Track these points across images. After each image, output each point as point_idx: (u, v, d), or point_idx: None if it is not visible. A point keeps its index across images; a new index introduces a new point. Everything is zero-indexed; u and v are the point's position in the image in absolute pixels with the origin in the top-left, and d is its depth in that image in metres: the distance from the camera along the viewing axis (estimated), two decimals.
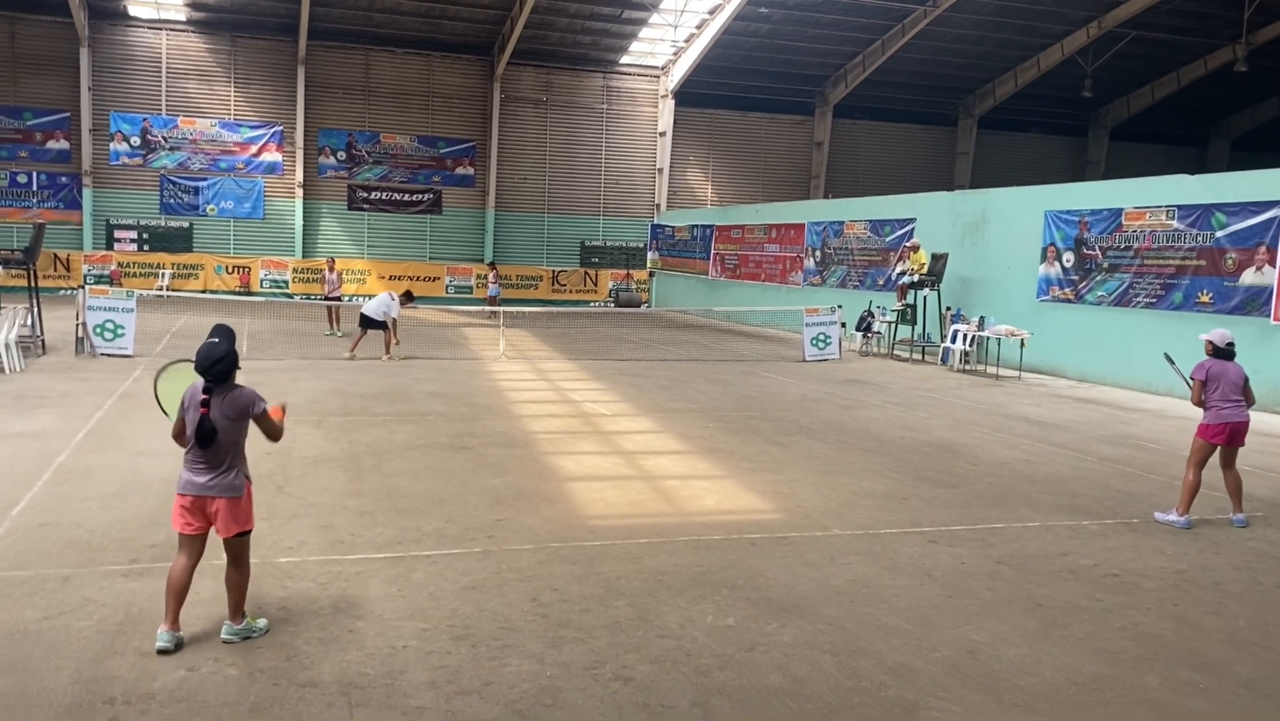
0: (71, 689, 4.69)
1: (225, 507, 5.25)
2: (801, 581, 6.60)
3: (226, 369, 5.27)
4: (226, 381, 5.30)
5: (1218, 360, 8.41)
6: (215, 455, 5.24)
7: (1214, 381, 8.33)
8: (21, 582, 6.02)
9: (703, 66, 35.33)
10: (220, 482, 5.25)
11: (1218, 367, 8.36)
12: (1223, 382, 8.32)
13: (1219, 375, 8.34)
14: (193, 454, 5.24)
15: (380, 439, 10.79)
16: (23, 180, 31.99)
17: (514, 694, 4.81)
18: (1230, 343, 8.48)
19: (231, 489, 5.27)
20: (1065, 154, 41.71)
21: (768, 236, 29.76)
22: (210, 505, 5.25)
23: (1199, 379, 8.39)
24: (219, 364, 5.24)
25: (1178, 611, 6.33)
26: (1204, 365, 8.41)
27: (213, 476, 5.24)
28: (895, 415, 13.70)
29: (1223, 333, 8.58)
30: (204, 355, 5.25)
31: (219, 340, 5.35)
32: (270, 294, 32.56)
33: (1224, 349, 8.44)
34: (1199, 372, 8.40)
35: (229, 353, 5.30)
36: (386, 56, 34.77)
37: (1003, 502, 8.99)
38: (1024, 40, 35.38)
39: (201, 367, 5.26)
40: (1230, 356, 8.45)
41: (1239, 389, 8.37)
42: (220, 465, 5.26)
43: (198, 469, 5.25)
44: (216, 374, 5.25)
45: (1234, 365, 8.42)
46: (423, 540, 7.21)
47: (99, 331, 16.70)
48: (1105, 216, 18.10)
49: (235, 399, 5.29)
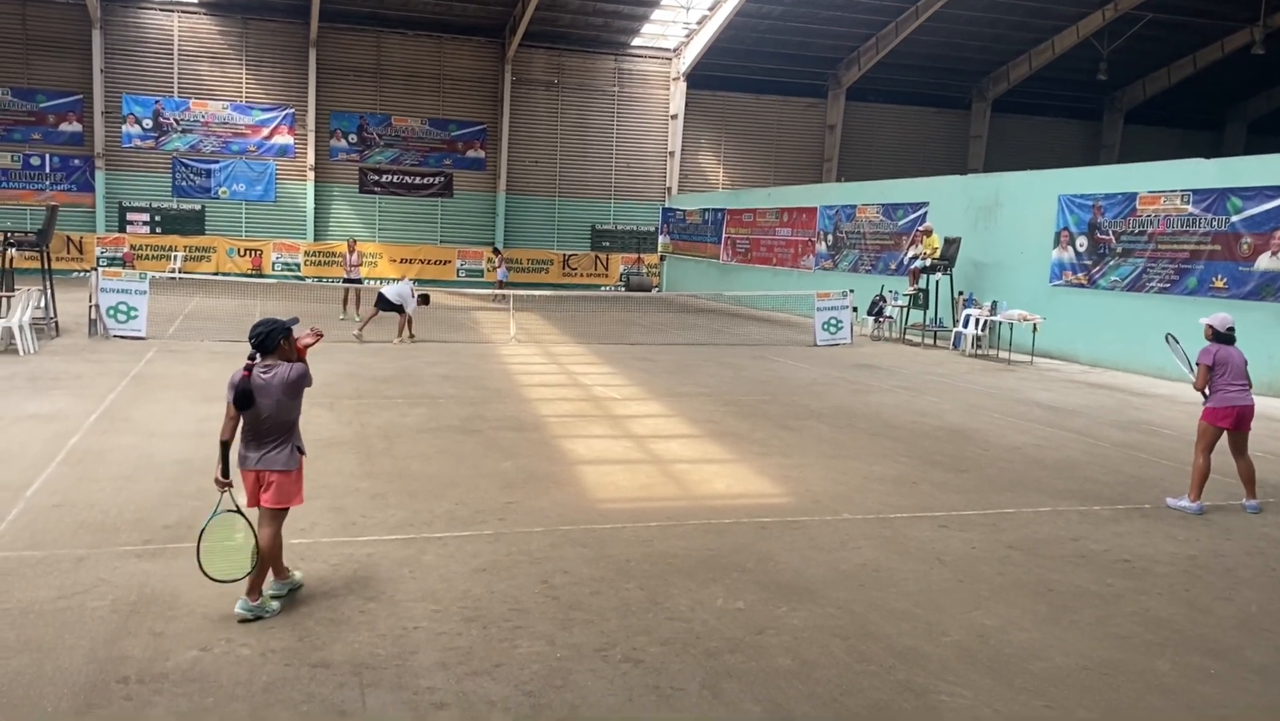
0: (86, 668, 4.72)
1: (278, 480, 5.48)
2: (811, 565, 6.60)
3: (266, 333, 5.44)
4: (268, 351, 5.44)
5: (1221, 345, 8.37)
6: (270, 429, 5.45)
7: (1221, 366, 8.29)
8: (36, 562, 6.06)
9: (715, 49, 35.15)
10: (276, 457, 5.49)
11: (1223, 352, 8.33)
12: (1229, 367, 8.29)
13: (1225, 360, 8.30)
14: (246, 429, 5.45)
15: (392, 421, 10.82)
16: (36, 162, 32.05)
17: (524, 675, 4.83)
18: (1231, 327, 8.46)
19: (286, 464, 5.51)
20: (1079, 137, 41.40)
21: (779, 220, 29.66)
22: (265, 478, 5.49)
23: (1206, 364, 8.33)
24: (259, 327, 5.47)
25: (1189, 597, 6.32)
26: (1210, 350, 8.36)
27: (268, 450, 5.48)
28: (906, 400, 13.67)
29: (1224, 317, 8.54)
30: (254, 328, 5.51)
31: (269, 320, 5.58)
32: (282, 276, 32.62)
33: (1225, 333, 8.41)
34: (1206, 358, 8.35)
35: (273, 322, 5.51)
36: (398, 39, 34.69)
37: (1014, 488, 8.97)
38: (1038, 22, 35.09)
39: (250, 339, 5.48)
40: (1231, 341, 8.42)
41: (1243, 373, 8.35)
42: (275, 440, 5.48)
43: (253, 444, 5.49)
44: (258, 336, 5.44)
45: (1236, 350, 8.41)
46: (434, 522, 7.24)
47: (112, 313, 16.77)
48: (1119, 201, 17.98)
49: (290, 375, 5.46)
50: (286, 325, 5.55)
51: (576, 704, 4.59)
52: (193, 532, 6.71)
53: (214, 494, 7.67)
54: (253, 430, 5.46)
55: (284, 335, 5.52)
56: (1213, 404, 8.35)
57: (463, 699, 4.58)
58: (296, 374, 5.47)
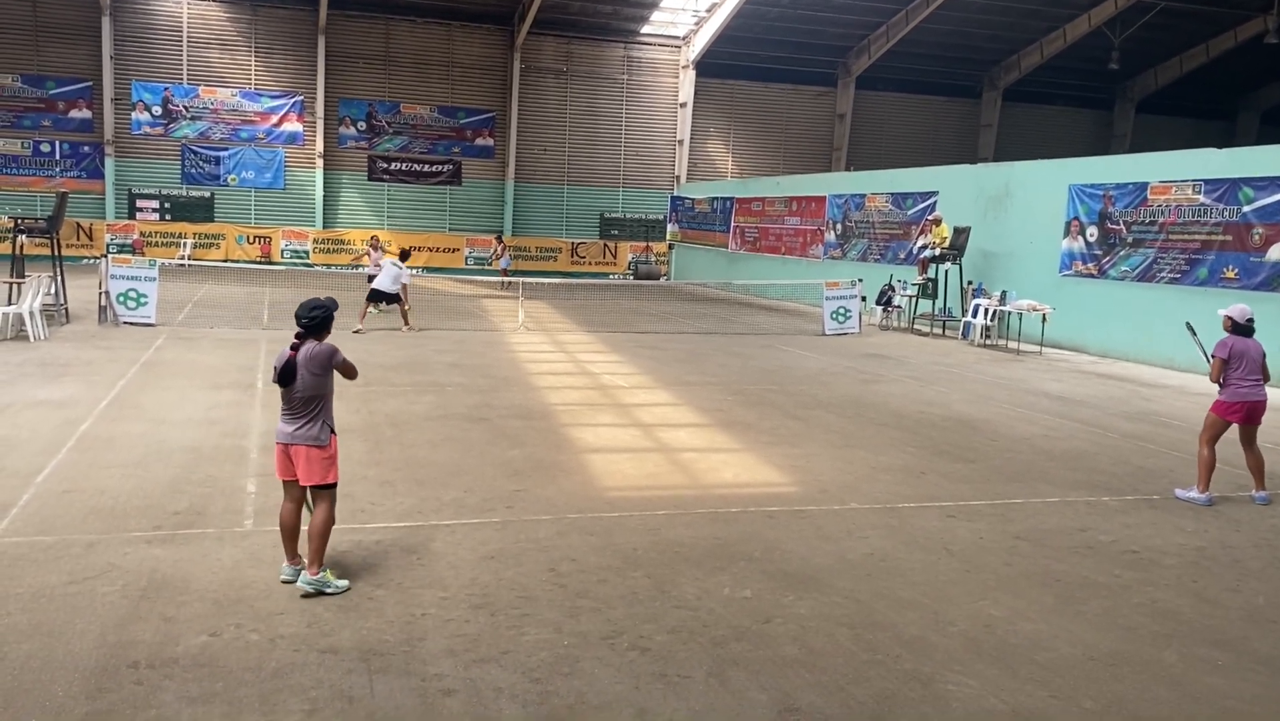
0: (96, 653, 4.76)
1: (305, 455, 5.63)
2: (818, 554, 6.61)
3: (322, 317, 5.69)
4: (317, 332, 5.70)
5: (1239, 337, 8.27)
6: (299, 405, 5.63)
7: (1236, 359, 8.21)
8: (47, 548, 6.10)
9: (724, 36, 35.04)
10: (304, 433, 5.64)
11: (1240, 345, 8.23)
12: (1245, 360, 8.20)
13: (1241, 353, 8.21)
14: (282, 404, 5.68)
15: (400, 409, 10.84)
16: (46, 149, 32.13)
17: (531, 662, 4.85)
18: (1250, 319, 8.35)
19: (314, 440, 5.65)
20: (1091, 127, 41.18)
21: (788, 209, 29.59)
22: (295, 452, 5.65)
23: (1221, 357, 8.25)
24: (315, 310, 5.69)
25: (1197, 588, 6.31)
26: (1226, 343, 8.27)
27: (298, 426, 5.65)
28: (914, 390, 13.66)
29: (1243, 308, 8.43)
30: (304, 305, 5.72)
31: (323, 299, 5.81)
32: (291, 264, 32.66)
33: (1244, 325, 8.31)
34: (1221, 350, 8.27)
35: (325, 306, 5.74)
36: (407, 26, 34.64)
37: (1022, 478, 8.96)
38: (1050, 11, 34.88)
39: (299, 314, 5.68)
40: (1250, 333, 8.32)
41: (1259, 366, 8.26)
42: (304, 416, 5.64)
43: (286, 418, 5.69)
44: (310, 319, 5.66)
45: (1254, 342, 8.30)
46: (442, 510, 7.26)
47: (122, 300, 16.81)
48: (1130, 191, 17.90)
49: (318, 352, 5.68)
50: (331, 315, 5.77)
51: (584, 691, 4.60)
52: (202, 519, 6.78)
53: (223, 481, 7.75)
54: (287, 405, 5.68)
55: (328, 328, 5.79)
56: (1224, 397, 8.28)
57: (470, 685, 4.60)
58: (326, 352, 5.70)
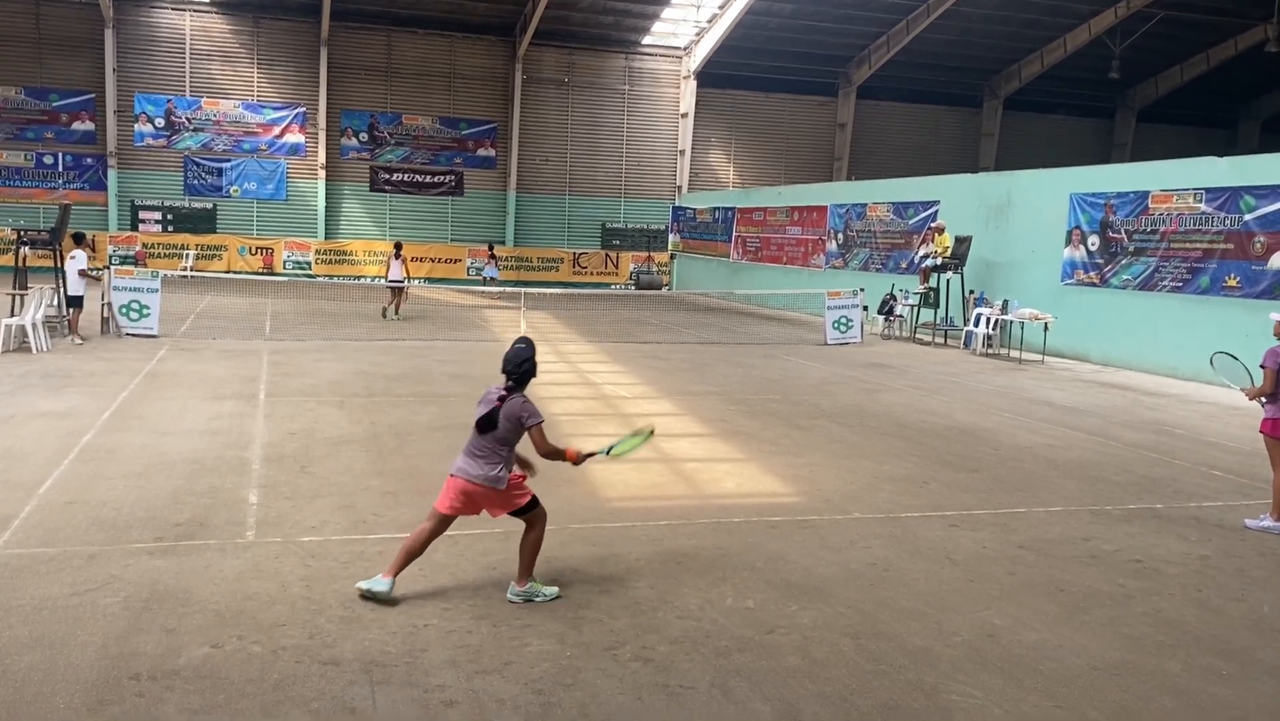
0: (98, 664, 4.75)
1: (484, 494, 5.69)
2: (821, 564, 6.59)
3: (530, 370, 5.80)
4: (524, 384, 5.79)
5: None
6: (488, 448, 5.67)
7: None
8: (49, 559, 6.09)
9: (725, 47, 35.14)
10: (483, 474, 5.66)
11: None
12: None
13: None
14: (471, 441, 5.72)
15: (403, 420, 10.84)
16: (49, 161, 32.22)
17: (534, 673, 4.84)
18: None
19: (494, 480, 5.66)
20: (1092, 136, 41.25)
21: (790, 219, 29.62)
22: (472, 491, 5.69)
23: (1272, 368, 7.47)
24: (525, 364, 5.78)
25: (1201, 597, 6.29)
26: (1277, 352, 7.49)
27: (480, 467, 5.68)
28: (917, 399, 13.65)
29: None
30: (511, 358, 5.79)
31: (524, 347, 5.85)
32: (293, 275, 32.72)
33: None
34: (1271, 360, 7.49)
35: (532, 359, 5.81)
36: (409, 37, 34.74)
37: (1025, 487, 8.94)
38: (1050, 20, 34.98)
39: (507, 369, 5.77)
40: None
41: None
42: (490, 459, 5.68)
43: (470, 458, 5.72)
44: (521, 374, 5.76)
45: None
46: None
47: (124, 311, 16.84)
48: (1131, 199, 17.91)
49: (515, 406, 5.71)
50: (535, 365, 5.85)
51: (586, 702, 4.59)
52: (204, 530, 6.77)
53: (225, 492, 7.74)
54: (477, 445, 5.70)
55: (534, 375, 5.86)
56: (1274, 414, 7.53)
57: (472, 697, 4.59)
58: (519, 409, 5.69)
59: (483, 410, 5.68)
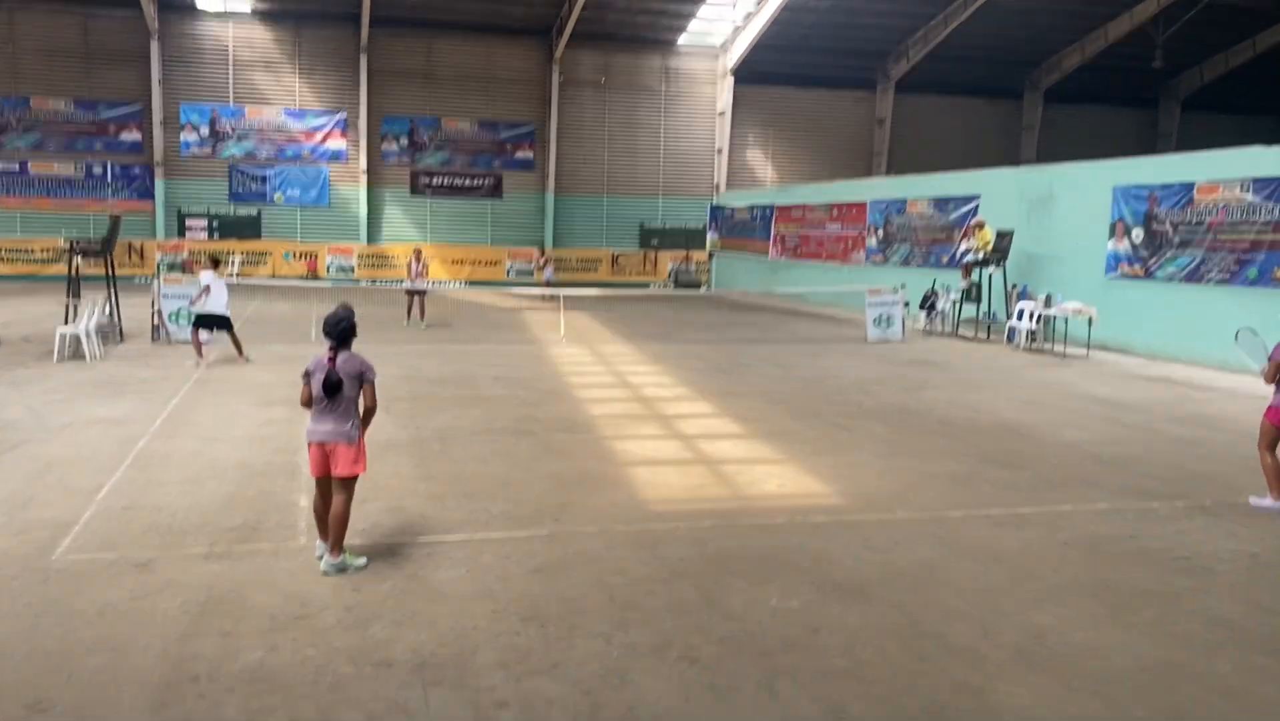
0: (159, 667, 4.89)
1: (341, 451, 6.19)
2: (866, 564, 6.61)
3: (348, 329, 6.26)
4: (347, 344, 6.27)
5: None
6: (334, 406, 6.16)
7: None
8: (109, 564, 6.27)
9: (762, 44, 35.07)
10: (338, 430, 6.19)
11: None
12: None
13: None
14: (318, 406, 6.21)
15: (447, 424, 10.97)
16: (98, 171, 32.90)
17: (582, 674, 4.91)
18: None
19: (347, 436, 6.20)
20: (1134, 127, 40.65)
21: (829, 215, 29.51)
22: (330, 449, 6.18)
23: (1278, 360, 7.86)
24: (341, 323, 6.23)
25: (1251, 595, 6.23)
26: None
27: (333, 426, 6.18)
28: (960, 396, 13.57)
29: None
30: (330, 319, 6.25)
31: (343, 309, 6.33)
32: (337, 280, 33.14)
33: None
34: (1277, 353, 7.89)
35: (348, 318, 6.29)
36: (447, 42, 35.05)
37: (1071, 484, 8.88)
38: (1091, 10, 34.52)
39: (327, 329, 6.23)
40: None
41: None
42: (339, 416, 6.19)
43: (320, 419, 6.21)
44: (340, 333, 6.22)
45: None
46: (491, 523, 7.35)
47: (174, 319, 17.16)
48: (1176, 191, 17.67)
49: (353, 360, 6.26)
50: (354, 324, 6.32)
51: (634, 703, 4.65)
52: (257, 534, 6.92)
53: (276, 496, 7.90)
54: (322, 406, 6.19)
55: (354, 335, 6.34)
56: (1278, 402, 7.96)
57: (522, 698, 4.67)
58: (362, 364, 6.27)
59: (320, 375, 6.12)
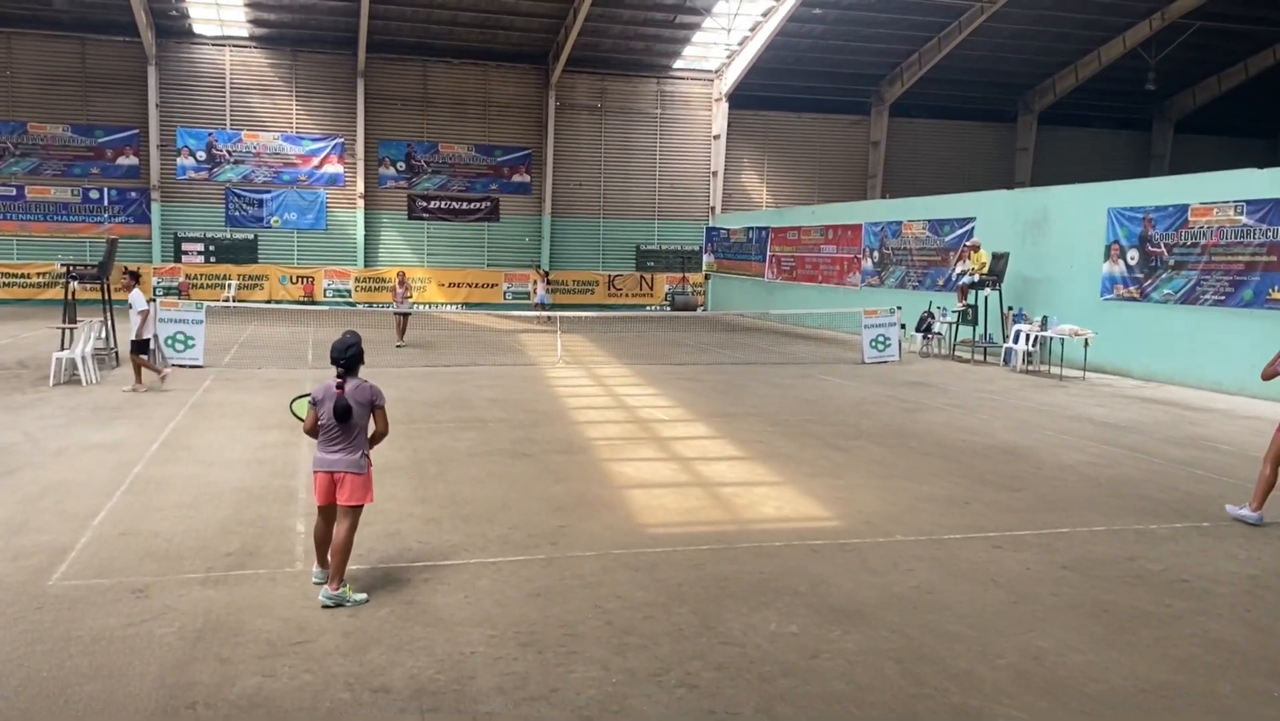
0: (156, 694, 4.86)
1: (350, 480, 6.11)
2: (864, 588, 6.60)
3: (356, 355, 6.20)
4: (354, 370, 6.21)
5: None
6: (345, 434, 6.10)
7: None
8: (105, 590, 6.24)
9: (756, 68, 35.28)
10: (347, 460, 6.12)
11: None
12: None
13: None
14: (326, 435, 6.13)
15: (443, 446, 10.96)
16: (94, 196, 32.96)
17: (580, 700, 4.89)
18: None
19: (356, 465, 6.13)
20: (1129, 149, 40.90)
21: (824, 237, 29.62)
22: (338, 478, 6.11)
23: None
24: (350, 350, 6.18)
25: (1250, 617, 6.22)
26: None
27: (342, 455, 6.11)
28: (957, 418, 13.58)
29: None
30: (338, 346, 6.20)
31: (351, 335, 6.29)
32: (334, 303, 33.15)
33: None
34: None
35: (357, 344, 6.23)
36: (444, 67, 35.23)
37: (1068, 506, 8.88)
38: (1084, 34, 34.81)
39: (335, 356, 6.18)
40: None
41: None
42: (348, 445, 6.13)
43: (327, 448, 6.14)
44: (348, 359, 6.17)
45: None
46: (488, 546, 7.33)
47: (170, 343, 17.15)
48: (1171, 213, 17.75)
49: (363, 388, 6.20)
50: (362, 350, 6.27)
51: None
52: (254, 560, 6.91)
53: (273, 521, 7.88)
54: (330, 436, 6.12)
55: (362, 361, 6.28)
56: None
57: None
58: (373, 391, 6.23)
59: (330, 403, 6.05)
